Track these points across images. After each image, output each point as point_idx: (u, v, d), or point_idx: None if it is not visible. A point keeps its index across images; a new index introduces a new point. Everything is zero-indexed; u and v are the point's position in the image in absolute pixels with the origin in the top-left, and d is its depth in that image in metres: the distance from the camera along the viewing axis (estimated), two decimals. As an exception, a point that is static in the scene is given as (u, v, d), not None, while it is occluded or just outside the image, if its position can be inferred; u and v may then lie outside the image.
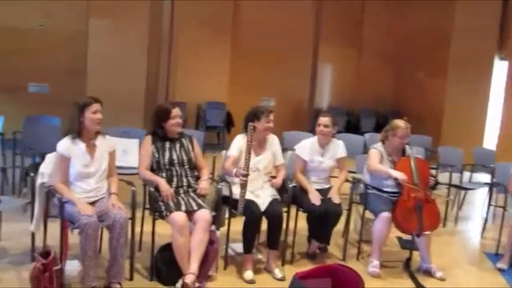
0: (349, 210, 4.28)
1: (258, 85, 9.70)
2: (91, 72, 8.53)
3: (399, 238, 4.89)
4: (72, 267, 3.50)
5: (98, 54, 8.51)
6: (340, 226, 4.26)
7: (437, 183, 4.61)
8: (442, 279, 4.04)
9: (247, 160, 3.72)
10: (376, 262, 4.08)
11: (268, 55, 9.80)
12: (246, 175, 3.70)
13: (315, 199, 3.98)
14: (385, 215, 4.00)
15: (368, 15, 10.64)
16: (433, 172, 5.49)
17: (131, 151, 4.87)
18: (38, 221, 3.46)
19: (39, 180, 3.44)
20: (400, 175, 4.03)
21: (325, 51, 10.41)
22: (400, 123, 4.18)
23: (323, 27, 10.31)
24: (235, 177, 3.79)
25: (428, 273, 4.10)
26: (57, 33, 8.35)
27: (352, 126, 9.96)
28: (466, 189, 5.82)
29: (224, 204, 3.84)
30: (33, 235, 3.56)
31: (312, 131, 9.52)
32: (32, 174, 3.64)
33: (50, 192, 3.37)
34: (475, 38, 9.12)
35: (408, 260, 4.26)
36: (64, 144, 3.38)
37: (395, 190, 4.15)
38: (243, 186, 3.71)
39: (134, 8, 8.65)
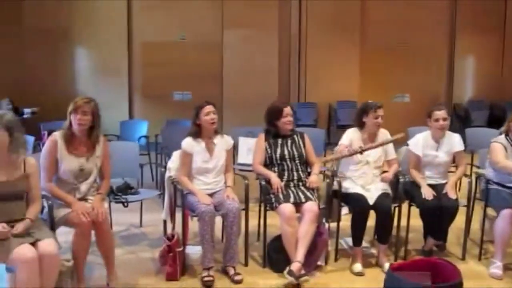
0: (468, 206, 4.09)
1: (390, 82, 9.52)
2: (226, 78, 9.26)
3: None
4: (196, 251, 3.96)
5: (233, 61, 9.22)
6: (461, 223, 4.11)
7: None
8: None
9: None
10: (498, 264, 3.83)
11: (399, 50, 9.57)
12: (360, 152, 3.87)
13: (428, 194, 3.90)
14: (508, 212, 3.74)
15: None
16: None
17: (255, 150, 5.22)
18: (167, 210, 3.96)
19: (167, 174, 3.95)
20: None
21: (463, 41, 9.75)
22: (522, 111, 3.87)
23: (459, 14, 9.68)
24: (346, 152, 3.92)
25: None
26: (196, 44, 9.25)
27: (496, 119, 9.19)
28: None
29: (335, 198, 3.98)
30: (164, 222, 4.06)
31: (452, 128, 9.14)
32: (163, 170, 4.18)
33: (174, 184, 3.84)
34: None
35: (540, 263, 3.93)
36: (187, 142, 3.84)
37: (521, 185, 3.87)
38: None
39: (264, 15, 9.18)
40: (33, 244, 2.88)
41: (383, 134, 4.12)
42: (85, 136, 3.41)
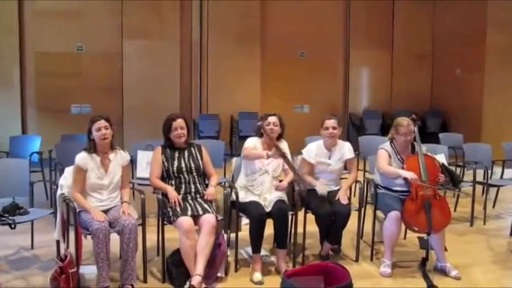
0: (360, 210, 4.32)
1: (290, 93, 9.88)
2: (127, 90, 9.05)
3: (420, 238, 4.85)
4: (91, 271, 3.78)
5: (133, 72, 9.04)
6: (355, 226, 4.33)
7: (459, 180, 4.56)
8: (457, 278, 3.98)
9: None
10: (387, 262, 4.09)
11: (299, 62, 9.97)
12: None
13: (321, 188, 4.08)
14: (394, 214, 4.01)
15: (398, 16, 10.55)
16: (456, 169, 5.43)
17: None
18: (59, 230, 3.76)
19: (59, 192, 3.76)
20: (410, 174, 4.02)
21: (357, 55, 10.42)
22: (402, 120, 4.20)
23: (352, 30, 10.36)
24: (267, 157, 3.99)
25: (444, 272, 4.06)
26: (95, 54, 8.95)
27: (388, 128, 9.85)
28: (494, 186, 5.66)
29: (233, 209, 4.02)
30: (57, 242, 3.85)
31: (349, 136, 9.65)
32: (54, 187, 3.97)
33: (66, 202, 3.66)
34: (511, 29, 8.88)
35: (424, 259, 4.23)
36: (81, 157, 3.68)
37: (405, 188, 4.15)
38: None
39: (164, 25, 9.13)
40: None
41: (282, 144, 4.25)
42: None
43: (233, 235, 4.15)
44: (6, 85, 8.75)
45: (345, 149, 4.36)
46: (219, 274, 3.83)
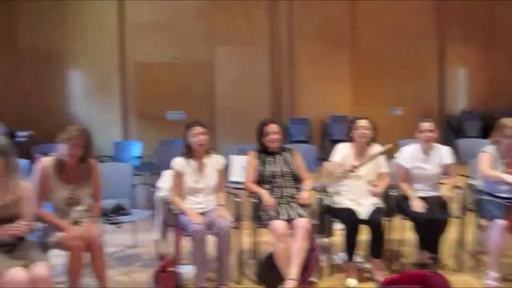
0: (460, 217, 4.09)
1: (382, 95, 9.61)
2: (219, 96, 9.33)
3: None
4: (189, 270, 3.93)
5: (224, 78, 9.33)
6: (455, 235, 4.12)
7: None
8: None
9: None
10: (494, 275, 3.81)
11: (390, 63, 9.67)
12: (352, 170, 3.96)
13: (417, 206, 3.91)
14: (499, 223, 3.74)
15: (498, 12, 9.85)
16: None
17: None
18: (160, 230, 3.96)
19: (158, 194, 3.96)
20: None
21: (453, 53, 9.91)
22: (507, 121, 3.93)
23: (447, 27, 9.87)
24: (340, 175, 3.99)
25: (559, 288, 3.73)
26: (188, 63, 9.35)
27: (489, 130, 9.24)
28: None
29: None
30: (158, 242, 4.04)
31: (446, 140, 9.19)
32: (152, 189, 4.20)
33: (165, 204, 3.85)
34: None
35: (537, 273, 3.91)
36: (178, 162, 3.86)
37: (511, 195, 3.87)
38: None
39: (254, 31, 9.30)
40: (25, 266, 2.88)
41: (374, 148, 4.15)
42: (76, 163, 3.44)
43: (326, 240, 4.12)
44: (107, 93, 9.45)
45: (443, 153, 4.15)
46: (312, 279, 3.81)
